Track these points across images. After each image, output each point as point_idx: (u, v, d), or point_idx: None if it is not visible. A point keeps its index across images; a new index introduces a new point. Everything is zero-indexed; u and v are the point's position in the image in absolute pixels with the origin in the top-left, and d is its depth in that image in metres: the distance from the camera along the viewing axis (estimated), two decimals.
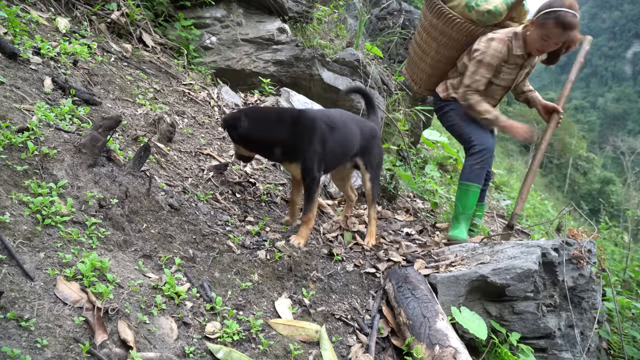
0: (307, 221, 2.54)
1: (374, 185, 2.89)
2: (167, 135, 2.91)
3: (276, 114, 2.70)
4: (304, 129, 2.53)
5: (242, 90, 4.49)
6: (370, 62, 5.16)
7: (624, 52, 79.67)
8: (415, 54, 3.67)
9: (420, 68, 3.65)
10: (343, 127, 2.68)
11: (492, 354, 2.32)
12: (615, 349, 3.04)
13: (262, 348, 1.81)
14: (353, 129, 2.74)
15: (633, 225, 5.67)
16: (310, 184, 2.54)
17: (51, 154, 2.00)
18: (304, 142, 2.50)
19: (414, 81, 3.78)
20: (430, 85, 3.65)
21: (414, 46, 3.67)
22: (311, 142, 2.51)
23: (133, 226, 2.06)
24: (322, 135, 2.53)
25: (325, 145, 2.54)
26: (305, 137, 2.51)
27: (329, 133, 2.57)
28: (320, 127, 2.54)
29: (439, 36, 3.37)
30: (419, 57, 3.62)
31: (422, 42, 3.53)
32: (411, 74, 3.79)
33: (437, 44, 3.41)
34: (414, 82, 3.78)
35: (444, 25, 3.30)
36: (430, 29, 3.41)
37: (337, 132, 2.62)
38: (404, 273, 2.45)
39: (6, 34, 2.74)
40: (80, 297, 1.57)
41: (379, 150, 2.94)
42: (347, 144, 2.70)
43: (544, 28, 2.97)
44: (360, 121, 2.90)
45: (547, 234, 4.64)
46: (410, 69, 3.79)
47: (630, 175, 34.10)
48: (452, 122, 3.42)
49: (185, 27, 4.12)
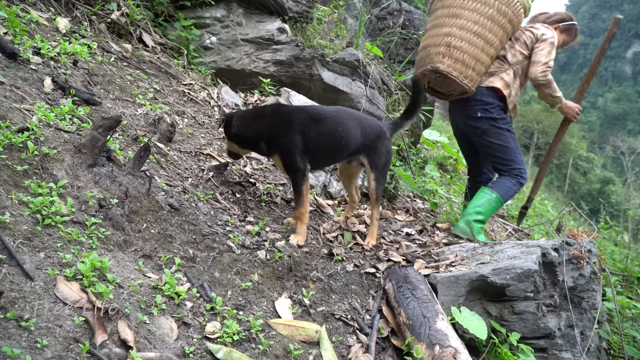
0: (300, 217, 2.56)
1: (379, 186, 2.85)
2: (167, 135, 2.91)
3: (259, 110, 2.80)
4: (281, 121, 2.60)
5: (242, 90, 4.49)
6: (370, 62, 5.16)
7: (624, 52, 79.71)
8: (471, 47, 3.27)
9: (481, 61, 3.33)
10: (333, 121, 2.65)
11: (492, 354, 2.32)
12: (615, 349, 3.04)
13: (262, 348, 1.81)
14: (349, 125, 2.69)
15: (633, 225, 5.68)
16: (294, 177, 2.58)
17: (51, 154, 2.00)
18: (280, 134, 2.57)
19: (470, 79, 3.33)
20: (479, 77, 3.41)
21: (470, 39, 3.27)
22: (287, 134, 2.55)
23: (133, 226, 2.06)
24: (302, 128, 2.56)
25: (306, 137, 2.55)
26: (281, 129, 2.58)
27: (313, 126, 2.58)
28: (298, 119, 2.58)
29: (507, 24, 3.32)
30: (480, 49, 3.29)
31: (487, 32, 3.27)
32: (464, 71, 3.31)
33: (503, 32, 3.33)
34: (470, 80, 3.34)
35: (513, 14, 3.31)
36: (497, 17, 3.27)
37: (324, 125, 2.61)
38: (404, 273, 2.45)
39: (6, 34, 2.74)
40: (80, 297, 1.57)
41: (386, 150, 2.86)
42: (339, 139, 2.66)
43: (568, 35, 3.62)
44: (364, 119, 2.84)
45: (547, 234, 4.64)
46: (464, 66, 3.31)
47: (630, 175, 34.09)
48: (500, 138, 3.40)
49: (185, 27, 4.12)
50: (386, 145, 2.86)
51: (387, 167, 2.91)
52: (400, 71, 6.17)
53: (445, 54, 3.30)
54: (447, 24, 3.34)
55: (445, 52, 3.30)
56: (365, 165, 2.85)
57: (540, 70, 3.31)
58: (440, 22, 3.40)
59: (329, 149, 2.68)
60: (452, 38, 3.28)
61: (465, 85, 3.32)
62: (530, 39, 3.41)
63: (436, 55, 3.33)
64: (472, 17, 3.28)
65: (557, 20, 3.62)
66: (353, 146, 2.73)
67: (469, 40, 3.27)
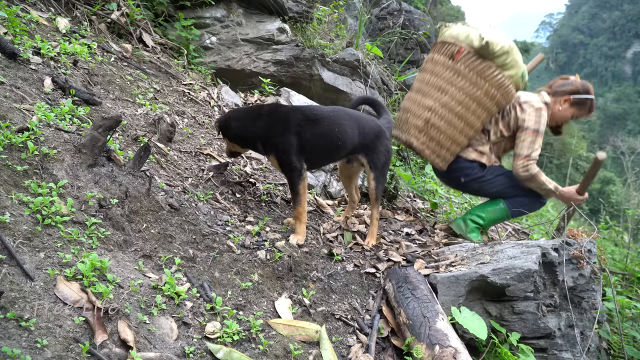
0: (298, 216, 2.57)
1: (378, 185, 2.84)
2: (167, 135, 2.91)
3: (256, 109, 2.82)
4: (276, 122, 2.62)
5: (242, 90, 4.50)
6: (370, 62, 5.17)
7: (624, 52, 79.66)
8: (450, 128, 3.12)
9: (457, 142, 3.17)
10: (330, 122, 2.65)
11: (492, 354, 2.32)
12: (615, 349, 3.04)
13: (262, 348, 1.81)
14: (346, 126, 2.70)
15: (633, 224, 5.67)
16: (290, 177, 2.60)
17: (51, 154, 2.00)
18: (276, 134, 2.59)
19: (443, 158, 3.22)
20: (452, 157, 3.26)
21: (451, 120, 3.10)
22: (282, 134, 2.57)
23: (133, 226, 2.06)
24: (297, 128, 2.57)
25: (302, 137, 2.56)
26: (277, 129, 2.60)
27: (309, 126, 2.59)
28: (294, 119, 2.59)
29: (494, 107, 3.10)
30: (459, 131, 3.13)
31: (469, 114, 3.09)
32: (437, 150, 3.19)
33: (488, 114, 3.13)
34: (442, 160, 3.22)
35: (502, 96, 3.08)
36: (484, 99, 3.06)
37: (320, 125, 2.62)
38: (404, 273, 2.45)
39: (6, 34, 2.74)
40: (80, 297, 1.57)
41: (385, 150, 2.84)
42: (335, 139, 2.66)
43: (581, 110, 3.27)
44: (362, 119, 2.84)
45: (547, 234, 4.64)
46: (438, 146, 3.17)
47: (630, 175, 34.04)
48: (496, 186, 3.27)
49: (185, 27, 4.12)
50: (385, 144, 2.86)
51: (386, 167, 2.90)
52: (400, 71, 6.17)
53: (422, 129, 3.16)
54: (431, 96, 3.14)
55: (422, 128, 3.16)
56: (364, 165, 2.85)
57: (520, 165, 3.10)
58: (425, 90, 3.18)
59: (326, 149, 2.68)
60: (432, 114, 3.12)
61: (437, 164, 3.25)
62: (514, 121, 3.18)
63: (413, 128, 3.20)
64: (458, 96, 3.07)
65: (569, 91, 3.25)
66: (350, 146, 2.73)
67: (449, 121, 3.11)
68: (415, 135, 3.21)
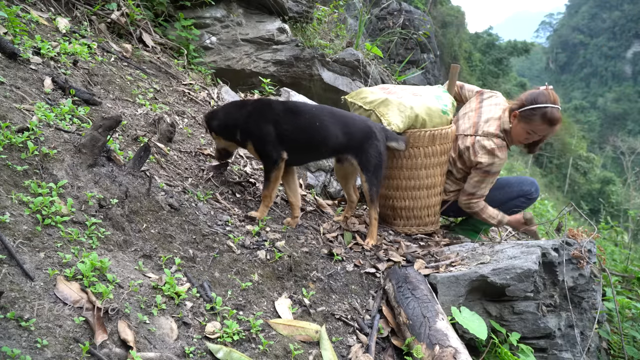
0: (264, 198, 2.69)
1: (372, 187, 2.82)
2: (167, 135, 2.91)
3: (243, 101, 2.92)
4: (256, 110, 2.71)
5: (242, 90, 4.50)
6: (370, 62, 5.17)
7: (624, 52, 79.63)
8: (418, 200, 3.20)
9: (433, 204, 3.25)
10: (311, 116, 2.71)
11: (492, 354, 2.32)
12: (615, 349, 3.04)
13: (262, 348, 1.81)
14: (328, 122, 2.71)
15: (634, 225, 5.68)
16: (265, 162, 2.70)
17: (51, 154, 2.00)
18: (253, 121, 2.68)
19: (432, 222, 3.29)
20: (437, 216, 3.33)
21: (417, 195, 3.18)
22: (259, 121, 2.66)
23: (133, 226, 2.06)
24: (276, 116, 2.65)
25: (280, 127, 2.63)
26: (255, 116, 2.69)
27: (289, 117, 2.66)
28: (274, 109, 2.67)
29: (441, 157, 3.14)
30: (426, 197, 3.21)
31: (429, 179, 3.16)
32: (420, 221, 3.26)
33: (446, 166, 3.20)
34: (432, 223, 3.30)
35: (442, 144, 3.11)
36: (432, 159, 3.12)
37: (300, 118, 2.69)
38: (404, 273, 2.45)
39: (6, 34, 2.74)
40: (80, 297, 1.57)
41: (376, 151, 2.79)
42: (316, 133, 2.70)
43: (530, 123, 3.00)
44: (348, 118, 2.82)
45: (547, 234, 4.64)
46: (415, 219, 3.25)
47: (630, 175, 34.09)
48: None
49: (185, 27, 4.12)
50: (376, 146, 2.79)
51: (379, 169, 2.83)
52: (400, 71, 6.17)
53: (396, 216, 3.28)
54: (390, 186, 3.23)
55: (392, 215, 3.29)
56: (355, 167, 2.84)
57: (463, 201, 3.20)
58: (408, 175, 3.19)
59: (306, 143, 2.73)
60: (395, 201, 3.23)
61: (430, 230, 3.30)
62: (468, 160, 3.13)
63: (387, 217, 3.31)
64: (424, 173, 3.14)
65: (515, 107, 3.06)
66: (334, 143, 2.74)
67: (415, 198, 3.19)
68: (391, 222, 3.30)
